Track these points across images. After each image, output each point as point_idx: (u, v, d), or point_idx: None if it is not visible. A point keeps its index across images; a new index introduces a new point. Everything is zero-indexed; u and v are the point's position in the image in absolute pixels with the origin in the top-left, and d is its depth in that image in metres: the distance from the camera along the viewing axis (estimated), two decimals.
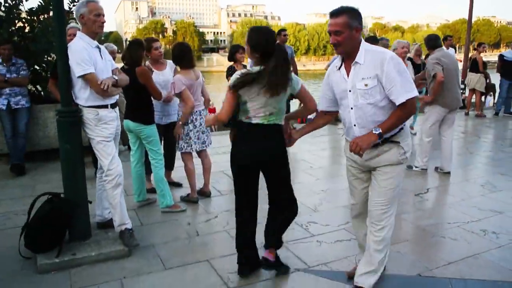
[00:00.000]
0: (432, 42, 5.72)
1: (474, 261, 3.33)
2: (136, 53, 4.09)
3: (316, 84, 36.29)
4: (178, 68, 4.60)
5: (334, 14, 2.52)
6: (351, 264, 3.22)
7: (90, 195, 3.58)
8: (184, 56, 4.43)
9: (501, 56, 10.38)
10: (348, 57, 2.58)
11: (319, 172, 5.79)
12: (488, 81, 10.36)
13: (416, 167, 5.78)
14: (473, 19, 15.93)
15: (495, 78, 10.70)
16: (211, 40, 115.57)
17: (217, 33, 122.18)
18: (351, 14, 2.49)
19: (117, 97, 3.53)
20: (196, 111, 4.45)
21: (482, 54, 10.42)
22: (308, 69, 73.19)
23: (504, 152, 6.87)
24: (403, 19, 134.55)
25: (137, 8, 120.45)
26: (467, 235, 3.78)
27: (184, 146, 4.49)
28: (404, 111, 2.49)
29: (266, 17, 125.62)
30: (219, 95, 27.01)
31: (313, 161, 6.28)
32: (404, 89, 2.44)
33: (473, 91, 10.35)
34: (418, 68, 7.44)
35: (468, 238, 3.73)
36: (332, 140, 7.94)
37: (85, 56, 3.20)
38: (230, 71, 5.88)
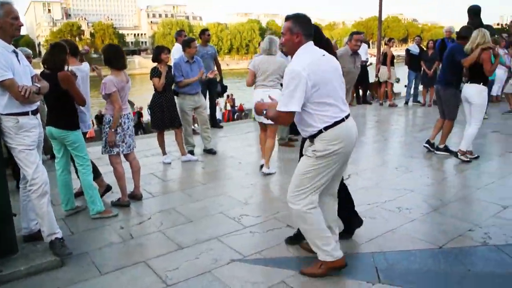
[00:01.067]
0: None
1: (392, 235, 3.70)
2: (59, 57, 3.96)
3: (240, 83, 36.58)
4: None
5: (285, 18, 2.92)
6: (282, 250, 3.45)
7: (14, 208, 3.44)
8: (115, 57, 4.41)
9: (407, 51, 11.32)
10: None
11: (247, 167, 5.97)
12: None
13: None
14: (383, 17, 17.11)
15: (404, 71, 11.66)
16: (131, 42, 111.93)
17: (138, 34, 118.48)
18: (295, 21, 2.84)
19: (38, 103, 3.41)
20: (124, 114, 4.43)
21: (392, 49, 11.29)
22: (232, 68, 73.18)
23: (414, 137, 7.55)
24: (321, 17, 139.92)
25: (49, 10, 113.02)
26: (384, 213, 4.17)
27: (109, 149, 4.44)
28: (277, 114, 2.82)
29: (187, 18, 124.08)
30: (141, 96, 26.37)
31: (241, 157, 6.46)
32: (281, 102, 2.77)
33: (385, 83, 11.21)
34: None
35: (386, 216, 4.11)
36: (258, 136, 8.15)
37: (1, 61, 3.06)
38: (154, 72, 5.88)
